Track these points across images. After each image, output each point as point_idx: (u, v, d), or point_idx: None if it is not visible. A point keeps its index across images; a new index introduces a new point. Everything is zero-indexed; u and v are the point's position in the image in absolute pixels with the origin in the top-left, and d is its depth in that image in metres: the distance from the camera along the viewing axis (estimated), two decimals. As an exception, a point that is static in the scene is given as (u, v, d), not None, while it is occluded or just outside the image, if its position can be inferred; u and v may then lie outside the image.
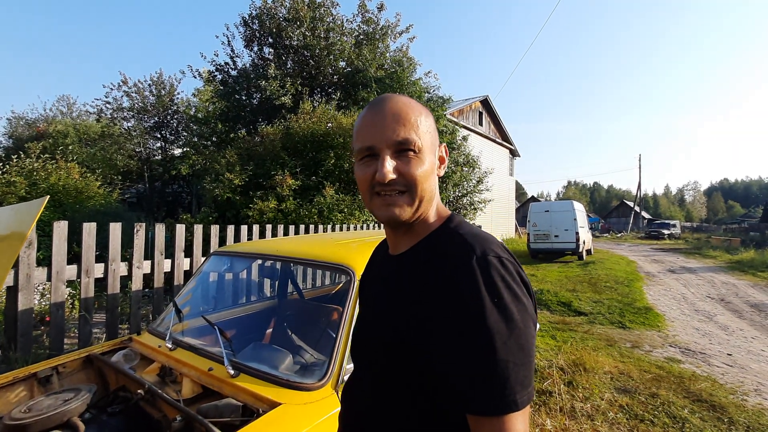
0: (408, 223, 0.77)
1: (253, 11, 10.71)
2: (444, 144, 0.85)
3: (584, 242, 14.02)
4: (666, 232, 30.33)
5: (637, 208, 43.45)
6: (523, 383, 0.60)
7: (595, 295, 7.73)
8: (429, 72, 11.83)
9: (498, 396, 0.59)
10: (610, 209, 71.20)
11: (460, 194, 12.34)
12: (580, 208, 14.57)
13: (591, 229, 20.29)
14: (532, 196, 56.96)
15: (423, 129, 0.75)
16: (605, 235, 37.29)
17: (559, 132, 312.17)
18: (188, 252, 3.53)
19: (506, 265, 0.67)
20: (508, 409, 0.58)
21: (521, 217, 28.54)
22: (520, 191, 59.63)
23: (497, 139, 22.43)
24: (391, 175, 0.72)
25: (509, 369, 0.60)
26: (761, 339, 5.19)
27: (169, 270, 3.35)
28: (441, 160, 0.83)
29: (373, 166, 0.74)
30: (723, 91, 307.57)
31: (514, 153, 24.94)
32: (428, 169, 0.75)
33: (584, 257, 13.94)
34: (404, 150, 0.73)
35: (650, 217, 57.37)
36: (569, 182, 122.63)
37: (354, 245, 2.12)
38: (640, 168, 40.13)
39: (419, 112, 0.76)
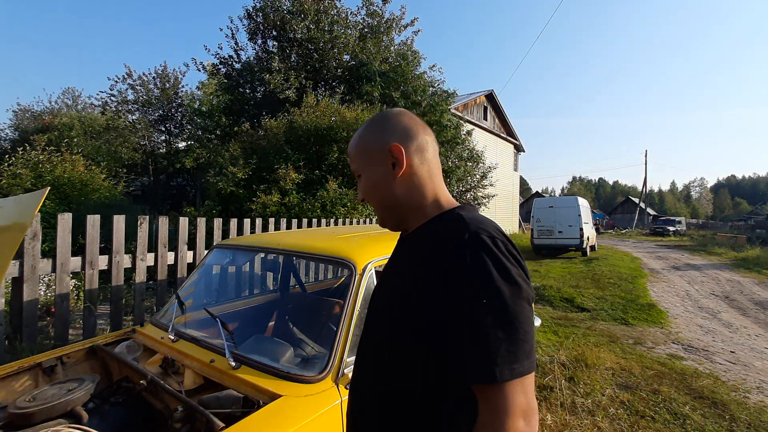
0: (400, 228, 0.89)
1: (257, 3, 10.65)
2: (393, 143, 0.81)
3: (588, 238, 13.95)
4: (671, 228, 30.06)
5: (642, 205, 43.15)
6: (517, 354, 0.62)
7: (598, 291, 7.71)
8: (434, 66, 11.81)
9: (491, 365, 0.61)
10: (615, 205, 70.71)
11: (464, 189, 12.30)
12: (584, 204, 14.48)
13: (595, 225, 20.14)
14: (537, 192, 56.66)
15: (357, 153, 0.87)
16: (610, 231, 36.99)
17: (565, 127, 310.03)
18: (191, 245, 3.55)
19: (497, 244, 0.69)
20: (502, 377, 0.60)
21: (525, 212, 28.47)
22: (524, 186, 59.43)
23: (502, 134, 22.29)
24: (360, 197, 0.90)
25: (500, 340, 0.61)
26: (765, 337, 5.17)
27: (172, 262, 3.37)
28: (396, 161, 0.81)
29: None
30: (731, 88, 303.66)
31: (518, 148, 24.79)
32: (369, 184, 0.85)
33: (588, 253, 13.87)
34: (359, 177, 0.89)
35: (655, 213, 56.92)
36: (574, 178, 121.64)
37: (356, 239, 2.12)
38: (646, 164, 39.85)
39: (357, 139, 0.88)
